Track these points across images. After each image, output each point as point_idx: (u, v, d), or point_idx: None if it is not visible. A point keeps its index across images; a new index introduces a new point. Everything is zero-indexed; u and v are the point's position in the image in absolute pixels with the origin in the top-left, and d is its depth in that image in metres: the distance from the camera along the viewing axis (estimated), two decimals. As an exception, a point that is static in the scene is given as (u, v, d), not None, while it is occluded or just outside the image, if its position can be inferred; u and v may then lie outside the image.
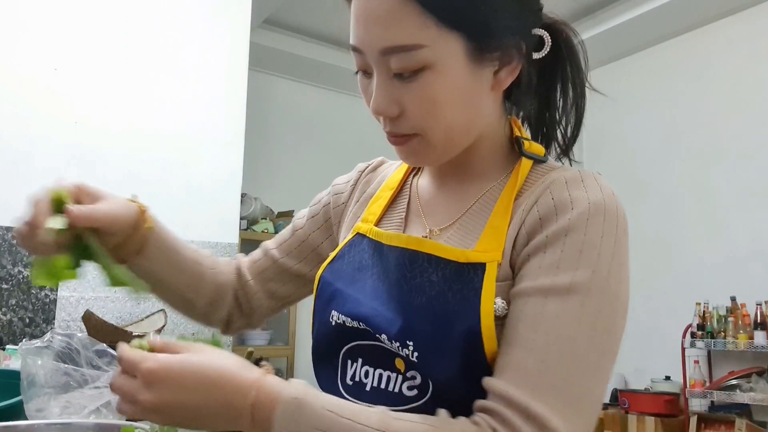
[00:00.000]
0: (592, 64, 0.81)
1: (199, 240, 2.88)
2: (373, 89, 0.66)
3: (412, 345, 0.64)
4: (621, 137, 4.46)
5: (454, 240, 0.71)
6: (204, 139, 2.96)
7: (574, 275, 0.60)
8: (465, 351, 0.62)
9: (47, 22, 2.64)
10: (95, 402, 0.90)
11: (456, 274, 0.66)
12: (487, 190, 0.74)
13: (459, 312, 0.63)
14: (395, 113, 0.66)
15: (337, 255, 0.80)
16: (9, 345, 1.96)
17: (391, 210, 0.82)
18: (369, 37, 0.64)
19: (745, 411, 3.43)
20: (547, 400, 0.56)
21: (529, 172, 0.72)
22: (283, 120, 4.80)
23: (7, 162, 2.50)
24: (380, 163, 0.91)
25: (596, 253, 0.61)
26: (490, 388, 0.59)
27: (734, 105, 3.84)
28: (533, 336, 0.59)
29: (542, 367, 0.57)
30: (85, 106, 2.68)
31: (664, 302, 4.00)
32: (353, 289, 0.73)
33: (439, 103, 0.64)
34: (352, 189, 0.89)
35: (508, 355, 0.59)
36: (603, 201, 0.64)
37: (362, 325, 0.69)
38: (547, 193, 0.66)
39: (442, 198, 0.78)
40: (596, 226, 0.62)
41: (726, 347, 3.46)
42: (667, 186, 4.13)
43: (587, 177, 0.67)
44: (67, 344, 0.98)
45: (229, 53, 3.08)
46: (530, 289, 0.61)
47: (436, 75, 0.63)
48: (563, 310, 0.59)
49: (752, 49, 3.80)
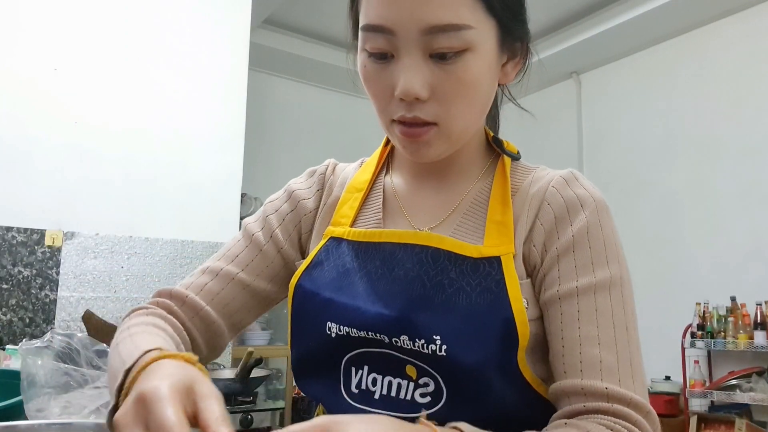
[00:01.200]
0: (592, 64, 0.83)
1: (199, 240, 2.88)
2: (391, 73, 0.65)
3: (439, 339, 0.64)
4: (620, 137, 4.46)
5: (455, 236, 0.71)
6: (204, 139, 2.96)
7: (609, 270, 0.66)
8: (499, 340, 0.64)
9: (47, 22, 2.64)
10: (95, 402, 0.90)
11: (472, 270, 0.67)
12: (472, 188, 0.75)
13: (487, 305, 0.65)
14: (426, 95, 0.64)
15: (313, 262, 0.75)
16: (9, 345, 1.96)
17: (364, 210, 0.79)
18: (412, 14, 0.62)
19: (745, 411, 3.43)
20: (632, 385, 0.62)
21: (511, 170, 0.76)
22: (283, 120, 4.80)
23: (7, 162, 2.50)
24: (334, 166, 0.87)
25: (614, 244, 0.68)
26: (589, 390, 0.61)
27: (734, 105, 3.84)
28: (598, 332, 0.64)
29: (619, 358, 0.63)
30: (85, 106, 2.69)
31: (664, 302, 4.00)
32: (346, 296, 0.70)
33: (473, 86, 0.65)
34: (318, 194, 0.84)
35: (584, 354, 0.63)
36: (601, 197, 0.70)
37: (372, 334, 0.67)
38: (552, 190, 0.70)
39: (424, 196, 0.77)
40: (606, 220, 0.69)
41: (726, 347, 3.46)
42: (667, 185, 4.13)
43: (578, 176, 0.73)
44: (67, 344, 0.98)
45: (229, 53, 3.08)
46: (577, 290, 0.66)
47: (475, 58, 0.64)
48: (611, 303, 0.65)
49: (751, 50, 3.80)
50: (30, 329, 2.47)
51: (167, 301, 0.77)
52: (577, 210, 0.68)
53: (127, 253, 2.71)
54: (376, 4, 0.64)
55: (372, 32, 0.65)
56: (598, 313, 0.64)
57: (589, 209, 0.68)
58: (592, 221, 0.68)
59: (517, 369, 0.65)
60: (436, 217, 0.75)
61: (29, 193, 2.53)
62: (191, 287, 0.78)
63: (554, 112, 4.90)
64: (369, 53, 0.67)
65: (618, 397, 0.60)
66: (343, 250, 0.74)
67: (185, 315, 0.76)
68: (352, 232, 0.75)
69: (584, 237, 0.67)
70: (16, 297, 2.47)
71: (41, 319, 2.50)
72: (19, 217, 2.51)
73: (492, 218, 0.70)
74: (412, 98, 0.64)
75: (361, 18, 0.67)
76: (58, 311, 2.53)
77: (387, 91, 0.66)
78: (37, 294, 2.50)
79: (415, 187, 0.79)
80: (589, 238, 0.67)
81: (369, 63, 0.67)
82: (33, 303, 2.49)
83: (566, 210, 0.69)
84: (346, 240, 0.75)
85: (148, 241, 2.76)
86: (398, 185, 0.80)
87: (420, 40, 0.63)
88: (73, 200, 2.61)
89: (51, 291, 2.53)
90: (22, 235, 2.50)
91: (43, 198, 2.55)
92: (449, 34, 0.62)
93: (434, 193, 0.77)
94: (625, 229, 4.31)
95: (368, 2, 0.65)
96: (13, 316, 2.45)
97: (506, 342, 0.64)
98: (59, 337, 0.97)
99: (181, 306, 0.76)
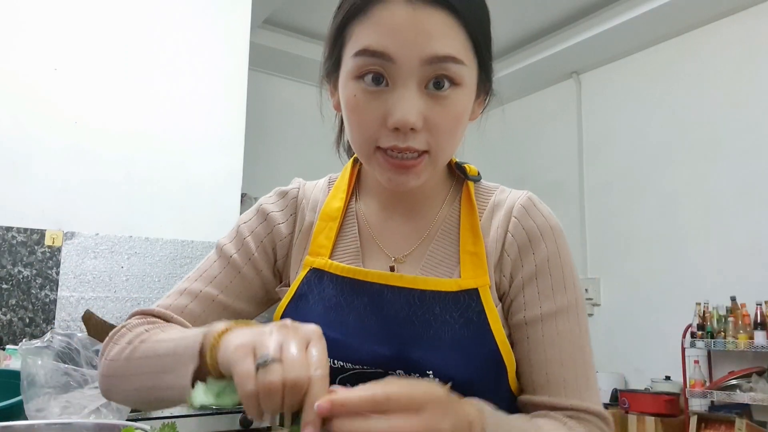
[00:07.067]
0: (592, 64, 0.85)
1: (199, 240, 2.88)
2: (385, 101, 0.66)
3: (431, 373, 0.69)
4: (620, 137, 4.45)
5: (429, 268, 0.76)
6: (204, 139, 2.96)
7: (566, 296, 0.74)
8: (487, 369, 0.71)
9: (46, 23, 2.64)
10: (95, 402, 0.90)
11: (453, 302, 0.72)
12: (439, 215, 0.79)
13: (471, 336, 0.70)
14: (420, 126, 0.66)
15: (297, 294, 0.76)
16: (9, 345, 1.96)
17: (341, 241, 0.80)
18: (414, 44, 0.64)
19: (745, 411, 3.43)
20: (590, 397, 0.72)
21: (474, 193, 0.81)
22: (283, 120, 4.80)
23: (7, 162, 2.50)
24: (303, 186, 0.87)
25: (570, 269, 0.76)
26: (557, 405, 0.70)
27: (733, 105, 3.84)
28: (560, 354, 0.72)
29: (578, 375, 0.72)
30: (85, 106, 2.69)
31: (664, 302, 3.99)
32: (337, 332, 0.71)
33: (460, 119, 0.70)
34: (292, 219, 0.84)
35: (549, 375, 0.72)
36: (556, 223, 0.78)
37: (366, 368, 0.71)
38: (514, 221, 0.76)
39: (394, 224, 0.80)
40: (563, 247, 0.76)
41: (726, 347, 3.46)
42: (667, 186, 4.13)
43: (536, 201, 0.78)
44: (67, 344, 0.98)
45: (229, 53, 3.08)
46: (541, 316, 0.73)
47: (463, 93, 0.69)
48: (569, 326, 0.73)
49: (751, 50, 3.80)
50: (30, 329, 2.47)
51: (153, 318, 0.76)
52: (537, 241, 0.75)
53: (127, 253, 2.71)
54: (376, 31, 0.65)
55: (370, 57, 0.66)
56: (559, 337, 0.73)
57: (548, 239, 0.76)
58: (551, 251, 0.75)
59: (509, 387, 0.74)
60: (408, 245, 0.79)
61: (29, 193, 2.53)
62: (172, 308, 0.78)
63: (554, 112, 4.90)
64: (361, 79, 0.67)
65: (581, 410, 0.70)
66: (326, 284, 0.76)
67: None
68: (333, 265, 0.77)
69: (545, 266, 0.75)
70: (16, 297, 2.47)
71: (41, 319, 2.50)
72: (19, 217, 2.50)
73: (465, 248, 0.76)
74: (408, 129, 0.66)
75: (352, 45, 0.67)
76: (58, 311, 2.53)
77: (377, 120, 0.67)
78: (37, 294, 2.50)
79: (384, 216, 0.81)
80: (550, 266, 0.75)
81: (360, 92, 0.67)
82: (33, 303, 2.49)
83: (528, 241, 0.75)
84: (328, 272, 0.77)
85: (148, 241, 2.76)
86: (368, 214, 0.82)
87: (419, 69, 0.65)
88: (73, 200, 2.61)
89: (51, 291, 2.53)
90: (22, 235, 2.50)
91: (43, 198, 2.55)
92: (448, 65, 0.66)
93: (404, 220, 0.80)
94: (625, 229, 4.31)
95: (365, 29, 0.66)
96: (13, 316, 2.45)
97: (495, 369, 0.71)
98: (59, 337, 0.97)
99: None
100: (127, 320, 0.77)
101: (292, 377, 0.48)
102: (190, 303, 0.78)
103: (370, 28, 0.66)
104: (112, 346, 0.73)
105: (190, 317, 0.78)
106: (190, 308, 0.78)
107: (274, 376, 0.48)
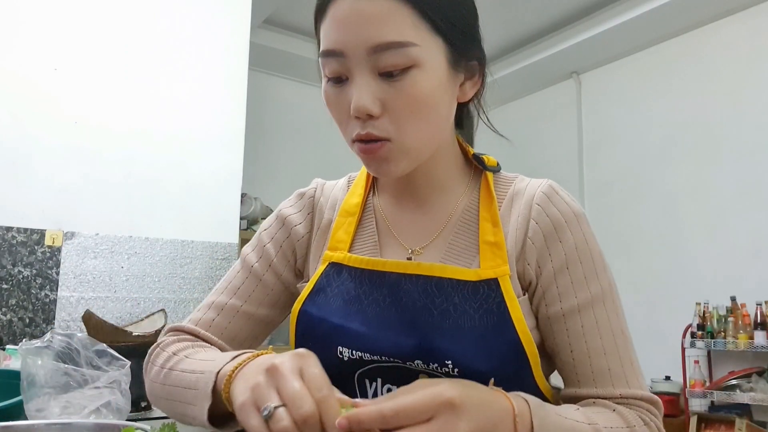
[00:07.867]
0: (592, 64, 0.84)
1: (199, 240, 2.88)
2: (347, 94, 0.68)
3: (450, 363, 0.68)
4: (620, 137, 4.46)
5: (448, 259, 0.75)
6: (204, 139, 2.96)
7: (600, 282, 0.73)
8: (508, 360, 0.69)
9: (47, 22, 2.64)
10: (95, 402, 0.90)
11: (473, 292, 0.71)
12: (458, 206, 0.79)
13: (492, 326, 0.69)
14: (377, 112, 0.67)
15: (315, 288, 0.78)
16: (9, 345, 1.96)
17: (359, 235, 0.82)
18: (358, 36, 0.66)
19: (745, 411, 3.43)
20: (637, 382, 0.72)
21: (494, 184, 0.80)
22: (283, 120, 4.80)
23: (7, 162, 2.50)
24: (322, 186, 0.89)
25: (599, 255, 0.75)
26: (606, 396, 0.70)
27: (734, 105, 3.84)
28: (601, 344, 0.72)
29: (622, 363, 0.72)
30: (85, 106, 2.69)
31: (664, 302, 4.00)
32: (356, 322, 0.73)
33: (422, 101, 0.68)
34: (309, 218, 0.86)
35: (594, 366, 0.71)
36: (579, 209, 0.77)
37: (385, 358, 0.71)
38: (537, 208, 0.75)
39: (411, 217, 0.81)
40: (589, 233, 0.75)
41: (726, 347, 3.46)
42: (667, 185, 4.13)
43: (557, 188, 0.78)
44: (67, 344, 0.98)
45: (229, 53, 3.08)
46: (578, 306, 0.73)
47: (423, 74, 0.67)
48: (607, 314, 0.73)
49: (751, 50, 3.80)
50: (30, 329, 2.47)
51: (184, 335, 0.82)
52: (563, 228, 0.74)
53: (127, 253, 2.71)
54: (329, 31, 0.68)
55: (327, 57, 0.69)
56: (598, 326, 0.72)
57: (573, 226, 0.74)
58: (578, 238, 0.74)
59: (533, 381, 0.72)
60: (426, 237, 0.79)
61: (29, 193, 2.53)
62: (200, 323, 0.83)
63: (554, 112, 4.90)
64: (328, 78, 0.71)
65: (630, 397, 0.70)
66: (344, 277, 0.77)
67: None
68: (352, 258, 0.78)
69: (575, 255, 0.74)
70: (16, 297, 2.47)
71: (41, 319, 2.50)
72: (19, 217, 2.51)
73: (484, 238, 0.75)
74: (365, 115, 0.67)
75: (321, 46, 0.72)
76: (58, 311, 2.53)
77: (345, 113, 0.70)
78: (37, 294, 2.50)
79: (400, 208, 0.82)
80: (579, 255, 0.74)
81: (329, 87, 0.71)
82: (33, 303, 2.49)
83: (553, 229, 0.74)
84: (347, 266, 0.78)
85: (148, 241, 2.76)
86: (385, 207, 0.83)
87: (368, 59, 0.66)
88: (73, 200, 2.61)
89: (51, 291, 2.53)
90: (22, 235, 2.50)
91: (43, 198, 2.55)
92: (393, 51, 0.66)
93: (421, 212, 0.80)
94: (625, 229, 4.31)
95: (325, 28, 0.70)
96: (13, 316, 2.45)
97: (517, 361, 0.70)
98: (59, 337, 0.97)
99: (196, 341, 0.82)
100: (161, 338, 0.83)
101: (300, 414, 0.50)
102: (217, 316, 0.83)
103: (328, 27, 0.69)
104: (151, 366, 0.79)
105: (217, 330, 0.83)
106: (217, 321, 0.83)
107: (284, 421, 0.50)
